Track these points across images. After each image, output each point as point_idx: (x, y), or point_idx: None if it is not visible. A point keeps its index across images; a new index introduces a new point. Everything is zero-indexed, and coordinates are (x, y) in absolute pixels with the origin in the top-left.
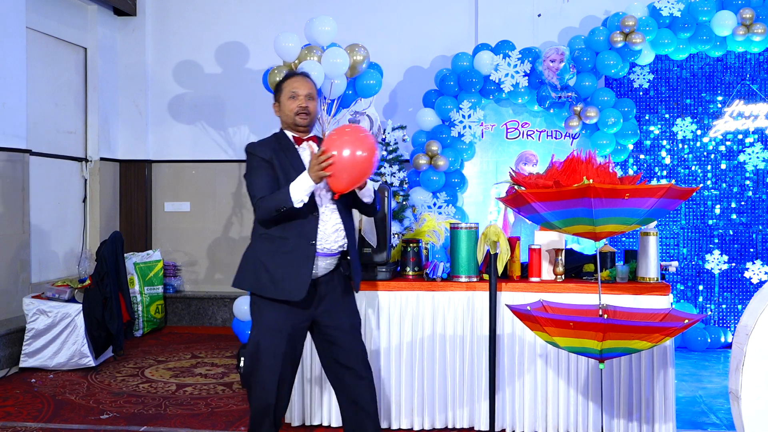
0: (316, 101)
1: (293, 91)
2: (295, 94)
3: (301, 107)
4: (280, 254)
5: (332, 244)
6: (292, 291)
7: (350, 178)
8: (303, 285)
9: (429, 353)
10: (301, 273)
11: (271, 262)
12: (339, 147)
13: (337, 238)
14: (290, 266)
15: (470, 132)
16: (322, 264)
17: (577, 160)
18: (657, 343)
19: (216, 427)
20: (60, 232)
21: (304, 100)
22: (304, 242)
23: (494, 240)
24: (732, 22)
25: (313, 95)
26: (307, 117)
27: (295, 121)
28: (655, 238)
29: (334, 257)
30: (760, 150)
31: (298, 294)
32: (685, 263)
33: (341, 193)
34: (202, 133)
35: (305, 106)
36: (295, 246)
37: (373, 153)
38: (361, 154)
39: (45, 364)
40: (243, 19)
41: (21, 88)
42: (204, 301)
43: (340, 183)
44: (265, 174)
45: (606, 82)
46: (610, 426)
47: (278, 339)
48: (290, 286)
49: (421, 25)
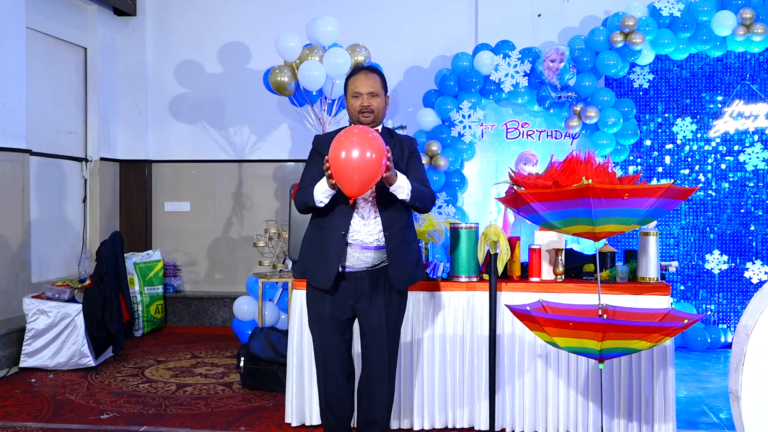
0: (381, 97)
1: (356, 90)
2: (358, 93)
3: (363, 106)
4: (317, 243)
5: (366, 237)
6: (321, 279)
7: (358, 181)
8: (330, 275)
9: (429, 353)
10: (330, 263)
11: (310, 250)
12: (342, 150)
13: (371, 231)
14: (323, 255)
15: (470, 132)
16: (358, 256)
17: (576, 160)
18: (657, 343)
19: (216, 427)
20: (60, 232)
21: (366, 98)
22: (336, 234)
23: (494, 240)
24: (732, 22)
25: (377, 92)
26: (371, 115)
27: (358, 119)
28: (655, 238)
29: (372, 251)
30: (760, 150)
31: (325, 283)
32: (685, 263)
33: (354, 196)
34: (202, 133)
35: (367, 105)
36: (329, 237)
37: (375, 154)
38: (364, 156)
39: (45, 364)
40: (243, 18)
41: (21, 88)
42: (204, 301)
43: (347, 187)
44: (314, 168)
45: (606, 82)
46: (610, 426)
47: (321, 326)
48: (321, 274)
49: (421, 25)
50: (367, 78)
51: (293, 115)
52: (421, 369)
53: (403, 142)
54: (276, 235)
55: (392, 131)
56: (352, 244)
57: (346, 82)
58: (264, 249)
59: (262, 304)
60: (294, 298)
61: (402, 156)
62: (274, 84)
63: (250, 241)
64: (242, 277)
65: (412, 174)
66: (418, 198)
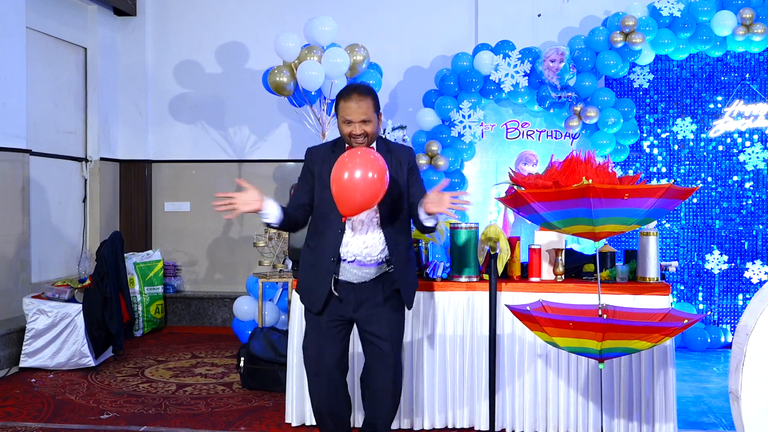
0: (373, 122)
1: (347, 118)
2: (349, 121)
3: (355, 135)
4: (309, 264)
5: (365, 258)
6: (313, 303)
7: (360, 200)
8: (320, 299)
9: (429, 353)
10: (320, 286)
11: (303, 271)
12: (345, 171)
13: (372, 252)
14: (314, 278)
15: (470, 132)
16: (356, 272)
17: (576, 160)
18: (657, 343)
19: (216, 427)
20: (60, 232)
21: (358, 127)
22: (326, 257)
23: (494, 240)
24: (732, 22)
25: (369, 118)
26: (364, 140)
27: (350, 143)
28: (655, 238)
29: (373, 267)
30: (760, 150)
31: (316, 306)
32: (685, 263)
33: (348, 216)
34: (202, 133)
35: (358, 134)
36: (319, 259)
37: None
38: (367, 177)
39: (45, 364)
40: (243, 19)
41: (21, 88)
42: (204, 301)
43: (344, 207)
44: (303, 184)
45: (606, 82)
46: (610, 426)
47: (315, 334)
48: (312, 297)
49: (421, 25)
50: (358, 106)
51: (293, 115)
52: (421, 369)
53: (401, 155)
54: (276, 235)
55: (388, 143)
56: (349, 261)
57: (337, 103)
58: (264, 249)
59: (262, 304)
60: (294, 298)
61: (401, 170)
62: (273, 84)
63: (250, 241)
64: (242, 277)
65: (415, 191)
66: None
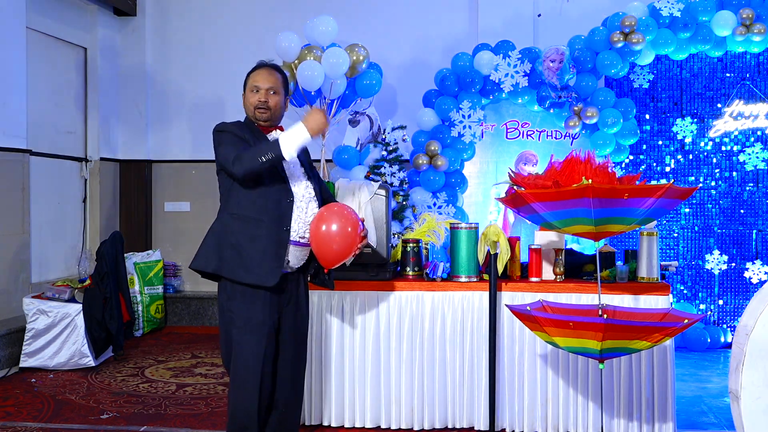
0: (280, 96)
1: (255, 84)
2: (257, 88)
3: (261, 101)
4: (253, 237)
5: (306, 233)
6: (265, 276)
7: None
8: (276, 270)
9: (429, 353)
10: (275, 257)
11: (244, 245)
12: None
13: (308, 229)
14: (264, 250)
15: (470, 132)
16: (295, 253)
17: (576, 160)
18: (657, 343)
19: (216, 427)
20: (60, 232)
21: (264, 94)
22: (277, 227)
23: (494, 240)
24: (732, 22)
25: (277, 89)
26: (267, 112)
27: (254, 114)
28: (655, 238)
29: (306, 248)
30: (760, 150)
31: (272, 279)
32: (685, 263)
33: (329, 267)
34: (202, 133)
35: (265, 101)
36: (269, 230)
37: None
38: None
39: (45, 364)
40: (243, 19)
41: (21, 88)
42: (204, 301)
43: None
44: (240, 142)
45: (606, 82)
46: (610, 426)
47: (257, 332)
48: (262, 270)
49: (421, 25)
50: (269, 74)
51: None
52: (421, 369)
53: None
54: None
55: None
56: (292, 241)
57: (247, 76)
58: None
59: None
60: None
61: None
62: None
63: None
64: None
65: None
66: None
